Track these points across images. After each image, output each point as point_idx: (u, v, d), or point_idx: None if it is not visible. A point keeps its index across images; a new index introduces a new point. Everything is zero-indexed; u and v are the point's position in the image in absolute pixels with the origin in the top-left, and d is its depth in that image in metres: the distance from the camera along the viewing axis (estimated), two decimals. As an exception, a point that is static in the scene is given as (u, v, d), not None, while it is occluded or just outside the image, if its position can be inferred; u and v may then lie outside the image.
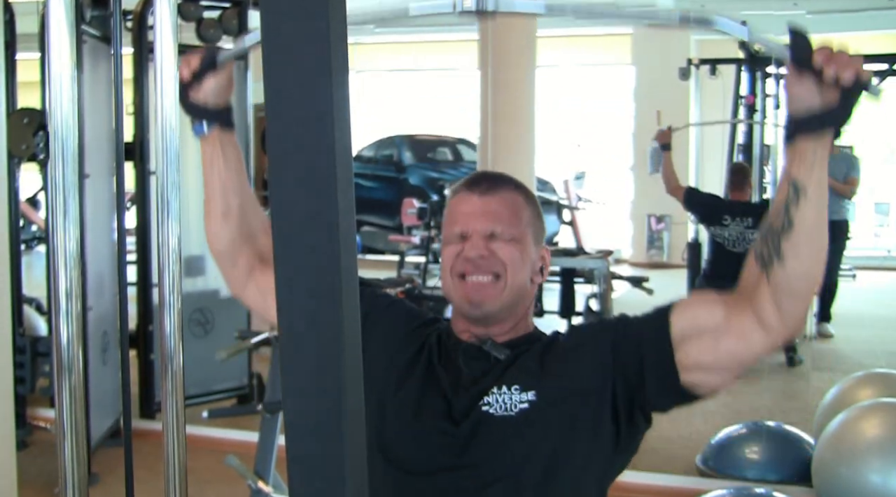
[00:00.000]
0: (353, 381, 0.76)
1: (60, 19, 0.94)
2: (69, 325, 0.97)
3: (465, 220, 1.56)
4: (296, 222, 0.74)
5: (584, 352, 1.54)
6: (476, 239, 1.54)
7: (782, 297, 1.38)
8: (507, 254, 1.54)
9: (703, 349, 1.45)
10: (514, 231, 1.56)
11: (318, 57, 0.72)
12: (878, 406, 3.73)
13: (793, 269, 1.37)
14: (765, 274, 1.38)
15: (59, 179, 0.95)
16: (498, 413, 1.49)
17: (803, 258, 1.37)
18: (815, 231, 1.37)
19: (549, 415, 1.49)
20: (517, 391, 1.50)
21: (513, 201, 1.58)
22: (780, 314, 1.39)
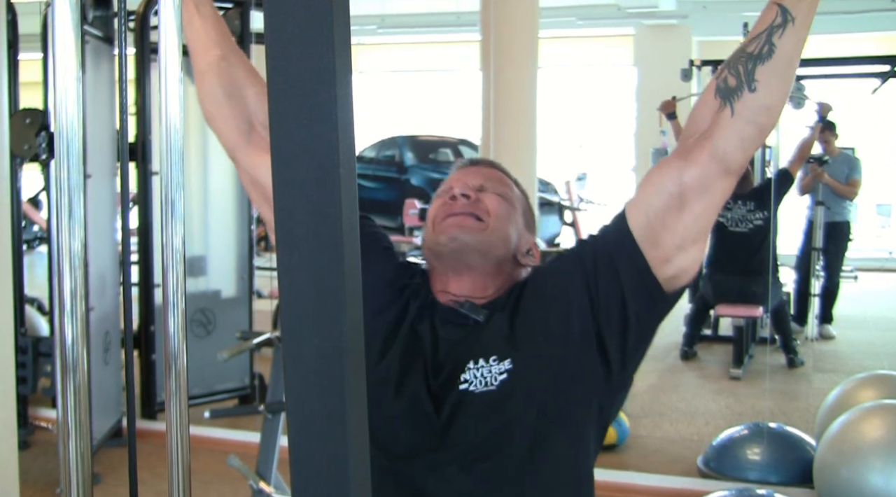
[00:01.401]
0: (355, 381, 0.76)
1: (65, 19, 0.94)
2: (73, 325, 0.97)
3: (455, 180, 1.56)
4: (299, 223, 0.74)
5: (556, 301, 1.44)
6: (464, 188, 1.52)
7: (746, 127, 1.32)
8: (494, 203, 1.51)
9: (670, 230, 1.38)
10: (504, 190, 1.54)
11: (321, 57, 0.72)
12: (880, 408, 3.72)
13: (762, 98, 1.31)
14: (729, 105, 1.31)
15: (64, 180, 0.94)
16: (478, 389, 1.40)
17: (775, 88, 1.31)
18: (793, 62, 1.32)
19: (531, 380, 1.40)
20: (495, 362, 1.41)
21: (503, 178, 1.59)
22: (743, 149, 1.34)
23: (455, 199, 1.51)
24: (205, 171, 5.08)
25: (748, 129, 1.32)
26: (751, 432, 4.24)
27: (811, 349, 6.87)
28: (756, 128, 1.32)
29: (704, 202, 1.37)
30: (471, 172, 1.57)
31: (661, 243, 1.38)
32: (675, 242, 1.38)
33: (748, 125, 1.32)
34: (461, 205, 1.49)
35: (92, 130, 4.30)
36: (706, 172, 1.35)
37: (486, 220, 1.49)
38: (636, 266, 1.39)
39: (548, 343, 1.42)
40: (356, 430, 0.76)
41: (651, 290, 1.41)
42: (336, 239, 0.73)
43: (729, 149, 1.33)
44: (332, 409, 0.75)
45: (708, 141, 1.34)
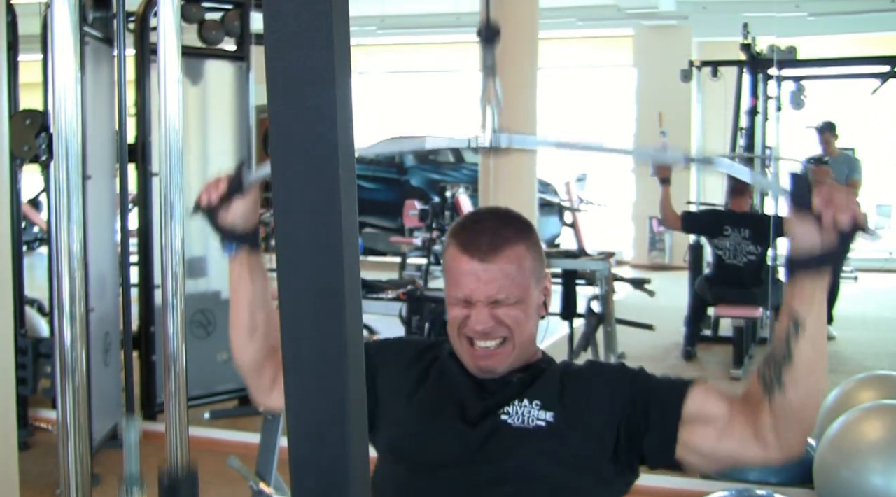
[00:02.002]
0: (355, 382, 0.76)
1: (64, 21, 0.94)
2: (72, 327, 0.97)
3: (467, 285, 1.55)
4: (298, 225, 0.74)
5: (603, 390, 1.56)
6: (480, 308, 1.54)
7: (782, 424, 1.42)
8: (513, 319, 1.55)
9: (706, 437, 1.49)
10: (518, 292, 1.55)
11: (320, 58, 0.72)
12: (880, 408, 3.72)
13: (793, 399, 1.40)
14: (767, 398, 1.42)
15: (63, 181, 0.95)
16: (515, 423, 1.53)
17: (802, 389, 1.40)
18: (814, 364, 1.42)
19: (564, 439, 1.53)
20: (537, 407, 1.54)
21: (515, 259, 1.55)
22: (779, 439, 1.43)
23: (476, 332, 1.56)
24: (204, 171, 5.08)
25: (783, 423, 1.42)
26: (751, 433, 4.24)
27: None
28: (791, 424, 1.42)
29: (733, 449, 1.48)
30: (481, 283, 1.54)
31: (693, 434, 1.50)
32: (699, 445, 1.50)
33: (783, 421, 1.41)
34: (483, 334, 1.56)
35: (92, 131, 4.30)
36: (745, 434, 1.46)
37: (510, 340, 1.57)
38: (666, 428, 1.51)
39: (585, 419, 1.54)
40: (355, 431, 0.76)
41: (667, 440, 1.52)
42: (335, 240, 0.73)
43: (766, 433, 1.43)
44: (332, 410, 0.75)
45: (753, 417, 1.45)
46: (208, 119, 5.15)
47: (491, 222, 1.60)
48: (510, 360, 1.58)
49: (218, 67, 5.14)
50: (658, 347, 6.50)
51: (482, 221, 1.61)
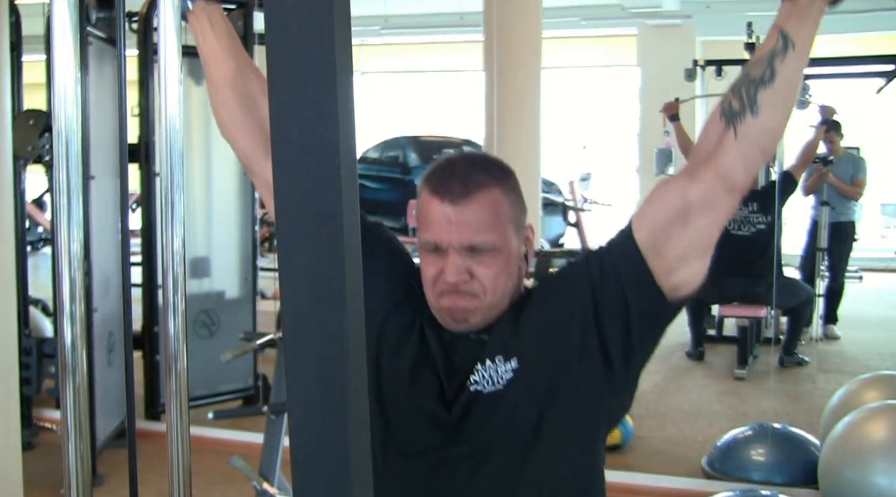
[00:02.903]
0: (357, 382, 0.76)
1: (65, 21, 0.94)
2: (73, 327, 0.97)
3: (437, 230, 1.46)
4: (300, 224, 0.74)
5: (562, 305, 1.48)
6: (453, 256, 1.45)
7: (749, 149, 1.37)
8: (489, 274, 1.46)
9: (674, 243, 1.41)
10: (494, 237, 1.46)
11: (322, 58, 0.72)
12: (885, 408, 3.72)
13: (764, 122, 1.35)
14: (732, 128, 1.36)
15: (64, 181, 0.94)
16: (487, 389, 1.45)
17: (776, 112, 1.36)
18: (794, 86, 1.36)
19: (536, 379, 1.45)
20: (501, 362, 1.46)
21: (489, 203, 1.46)
22: (746, 171, 1.38)
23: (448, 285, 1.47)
24: (208, 172, 5.09)
25: (751, 151, 1.37)
26: (755, 433, 4.24)
27: (816, 349, 6.86)
28: (758, 150, 1.38)
29: (709, 219, 1.41)
30: (454, 227, 1.45)
31: (665, 255, 1.42)
32: (678, 255, 1.42)
33: (751, 148, 1.37)
34: (456, 288, 1.47)
35: (96, 132, 4.31)
36: (711, 191, 1.39)
37: (484, 296, 1.47)
38: (640, 276, 1.44)
39: (552, 344, 1.46)
40: (357, 431, 0.76)
41: (654, 299, 1.45)
42: (337, 240, 0.73)
43: (733, 169, 1.37)
44: (334, 409, 0.75)
45: (713, 161, 1.38)
46: (210, 119, 5.15)
47: (464, 166, 1.50)
48: (483, 314, 1.48)
49: (221, 67, 5.14)
50: (662, 347, 6.45)
51: (455, 165, 1.51)
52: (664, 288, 1.44)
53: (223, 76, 1.59)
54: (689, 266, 1.44)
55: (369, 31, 11.46)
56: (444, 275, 1.46)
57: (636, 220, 1.46)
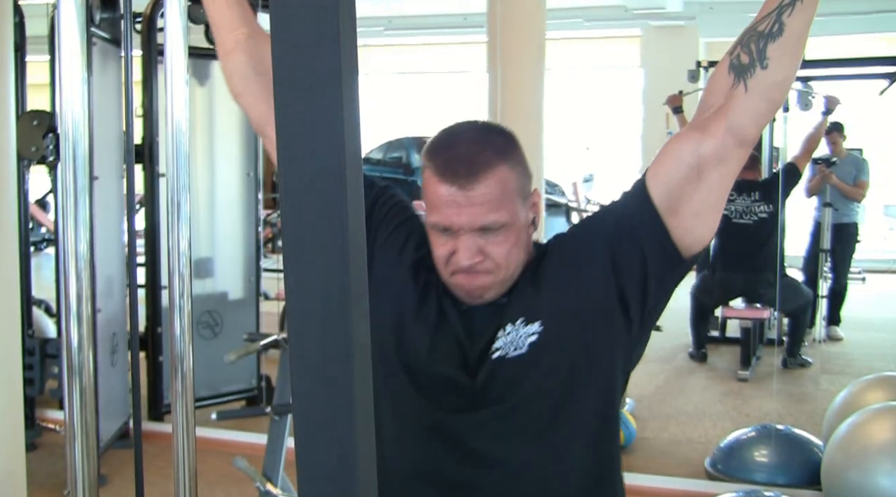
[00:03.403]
0: (362, 382, 0.76)
1: (71, 22, 0.94)
2: (79, 327, 0.97)
3: (448, 214, 1.44)
4: (305, 226, 0.74)
5: (580, 262, 1.51)
6: (465, 238, 1.45)
7: (759, 103, 1.39)
8: (501, 252, 1.46)
9: (689, 199, 1.44)
10: (504, 215, 1.45)
11: (327, 59, 0.72)
12: (888, 409, 3.71)
13: (773, 75, 1.37)
14: (742, 81, 1.38)
15: (70, 182, 0.95)
16: (511, 354, 1.47)
17: (785, 64, 1.37)
18: (802, 39, 1.38)
19: (559, 339, 1.48)
20: (522, 324, 1.48)
21: (497, 182, 1.44)
22: (757, 123, 1.41)
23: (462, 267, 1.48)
24: (212, 172, 5.09)
25: (761, 104, 1.39)
26: (758, 434, 4.24)
27: (819, 351, 6.85)
28: (768, 103, 1.40)
29: (721, 172, 1.44)
30: (463, 210, 1.44)
31: (680, 211, 1.46)
32: (693, 211, 1.46)
33: (761, 101, 1.39)
34: (470, 269, 1.47)
35: (100, 132, 4.31)
36: (722, 145, 1.41)
37: (498, 272, 1.48)
38: (656, 232, 1.47)
39: (573, 302, 1.49)
40: (363, 432, 0.76)
41: (669, 254, 1.48)
42: (342, 240, 0.73)
43: (743, 123, 1.40)
44: (339, 410, 0.75)
45: (723, 115, 1.41)
46: (215, 120, 5.16)
47: (468, 144, 1.47)
48: (498, 288, 1.50)
49: (225, 68, 5.15)
50: (665, 348, 6.50)
51: (458, 143, 1.48)
52: (680, 246, 1.48)
53: (234, 40, 1.60)
54: (703, 222, 1.47)
55: (373, 32, 11.47)
56: (457, 256, 1.46)
57: (650, 179, 1.48)
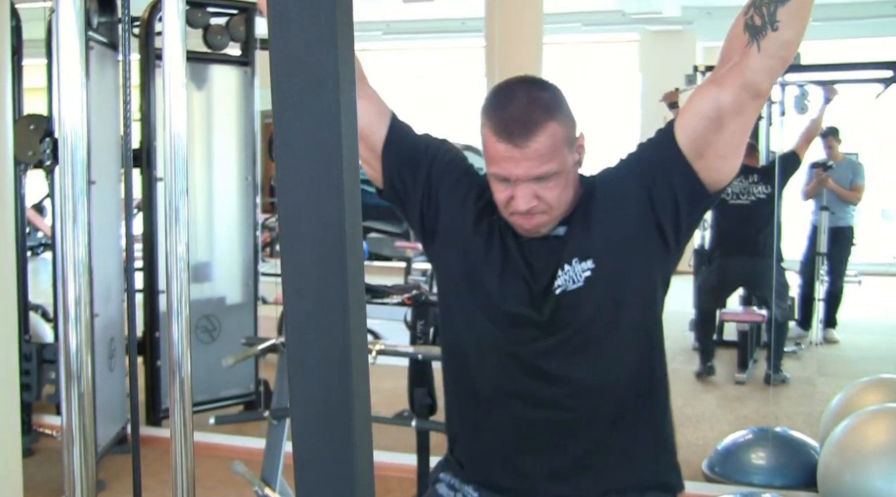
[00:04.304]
0: (360, 386, 0.76)
1: (70, 26, 0.94)
2: (78, 332, 0.97)
3: (505, 168, 1.66)
4: (303, 229, 0.74)
5: (622, 203, 1.74)
6: (522, 186, 1.66)
7: (771, 62, 1.57)
8: (554, 195, 1.69)
9: (713, 146, 1.65)
10: (555, 165, 1.66)
11: (325, 63, 0.72)
12: (884, 411, 3.72)
13: (783, 36, 1.54)
14: (755, 42, 1.56)
15: (69, 186, 0.95)
16: (570, 288, 1.72)
17: (793, 26, 1.54)
18: (809, 2, 1.54)
19: (610, 271, 1.72)
20: (577, 262, 1.72)
21: (548, 138, 1.65)
22: (770, 78, 1.59)
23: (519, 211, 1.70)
24: (209, 176, 5.09)
25: (772, 62, 1.57)
26: (755, 437, 4.24)
27: (815, 353, 6.86)
28: (779, 60, 1.58)
29: (739, 121, 1.63)
30: (519, 163, 1.65)
31: (706, 155, 1.67)
32: (717, 154, 1.67)
33: (772, 59, 1.57)
34: (527, 212, 1.70)
35: (97, 137, 4.31)
36: (739, 98, 1.60)
37: (552, 211, 1.71)
38: (685, 174, 1.69)
39: (617, 239, 1.73)
40: (361, 435, 0.76)
41: (697, 190, 1.70)
42: (340, 244, 0.73)
43: (758, 78, 1.58)
44: (337, 414, 0.75)
45: (739, 72, 1.59)
46: (213, 124, 5.16)
47: (521, 103, 1.67)
48: (553, 223, 1.74)
49: (223, 72, 5.16)
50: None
51: (511, 103, 1.68)
52: (707, 183, 1.69)
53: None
54: (727, 162, 1.68)
55: (371, 37, 11.47)
56: (515, 202, 1.68)
57: (678, 129, 1.68)
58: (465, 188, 1.84)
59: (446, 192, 1.84)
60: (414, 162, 1.84)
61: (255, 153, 5.22)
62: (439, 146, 1.90)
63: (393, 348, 3.08)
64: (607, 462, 1.81)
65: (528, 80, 1.76)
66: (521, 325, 1.76)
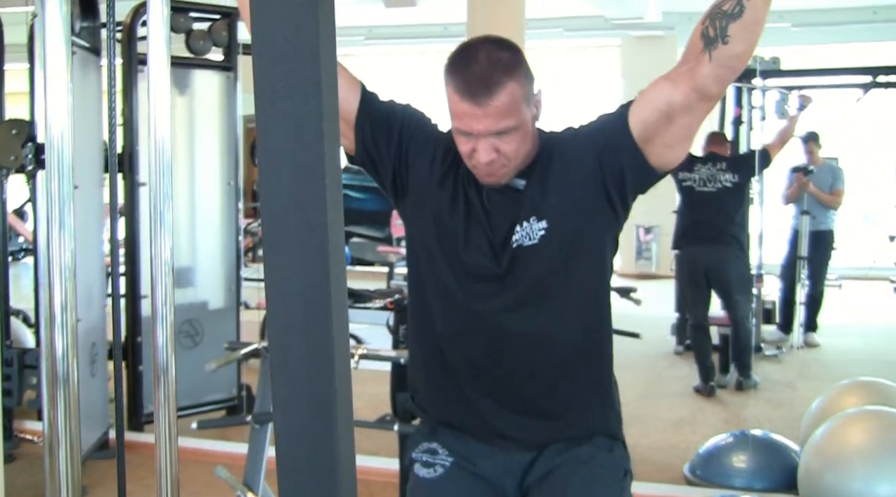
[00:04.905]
0: (343, 390, 0.77)
1: (56, 32, 0.95)
2: (63, 337, 0.98)
3: (468, 122, 1.77)
4: (286, 234, 0.75)
5: (578, 169, 1.85)
6: (483, 140, 1.78)
7: (721, 71, 1.66)
8: (512, 148, 1.80)
9: (661, 136, 1.77)
10: (514, 120, 1.77)
11: (307, 68, 0.73)
12: (863, 414, 3.75)
13: (733, 49, 1.63)
14: (708, 52, 1.65)
15: (54, 191, 0.95)
16: (526, 243, 1.84)
17: (743, 41, 1.63)
18: (760, 19, 1.62)
19: (563, 231, 1.84)
20: (535, 221, 1.84)
21: (507, 96, 1.75)
22: (719, 85, 1.69)
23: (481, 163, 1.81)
24: (192, 181, 5.08)
25: (722, 71, 1.67)
26: (736, 440, 4.26)
27: (796, 357, 6.90)
28: (729, 70, 1.67)
29: (688, 118, 1.75)
30: (480, 119, 1.76)
31: (654, 142, 1.79)
32: (664, 143, 1.79)
33: (722, 69, 1.66)
34: (487, 165, 1.80)
35: (79, 141, 4.28)
36: (688, 98, 1.71)
37: (510, 163, 1.82)
38: (633, 154, 1.81)
39: (571, 201, 1.85)
40: (343, 439, 0.77)
41: (643, 170, 1.83)
42: (323, 247, 0.74)
43: (708, 83, 1.69)
44: (319, 416, 0.76)
45: (691, 76, 1.70)
46: (196, 129, 5.15)
47: (483, 64, 1.77)
48: (511, 173, 1.84)
49: (205, 77, 5.15)
50: (645, 355, 6.53)
51: (472, 63, 1.78)
52: (654, 164, 1.82)
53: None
54: (673, 151, 1.81)
55: (353, 42, 11.47)
56: (477, 154, 1.79)
57: (631, 115, 1.80)
58: (433, 147, 1.95)
59: (416, 152, 1.95)
60: (387, 126, 1.96)
61: (237, 158, 5.21)
62: (405, 110, 2.01)
63: (375, 352, 3.08)
64: (557, 407, 1.96)
65: (490, 40, 1.85)
66: (481, 280, 1.89)
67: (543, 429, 1.98)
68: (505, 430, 1.96)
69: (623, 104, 1.86)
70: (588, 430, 2.00)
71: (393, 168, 1.96)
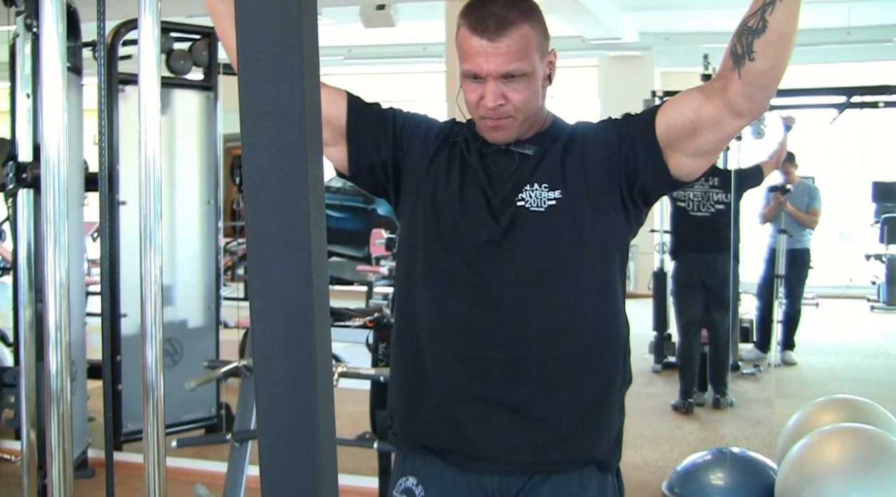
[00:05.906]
0: (326, 405, 0.78)
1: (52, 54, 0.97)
2: (57, 355, 0.99)
3: (478, 62, 1.74)
4: (270, 249, 0.76)
5: (598, 155, 1.80)
6: (491, 83, 1.73)
7: (750, 89, 1.62)
8: (521, 98, 1.75)
9: (684, 144, 1.73)
10: (525, 65, 1.74)
11: (291, 89, 0.75)
12: (839, 431, 3.78)
13: (761, 66, 1.59)
14: (737, 69, 1.61)
15: (50, 209, 0.97)
16: (532, 208, 1.78)
17: (771, 58, 1.58)
18: (786, 33, 1.57)
19: (573, 210, 1.77)
20: (546, 189, 1.78)
21: (520, 37, 1.73)
22: (750, 103, 1.64)
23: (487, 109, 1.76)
24: (172, 200, 5.08)
25: (752, 89, 1.62)
26: (714, 457, 4.28)
27: (774, 375, 6.94)
28: (759, 88, 1.62)
29: (715, 133, 1.71)
30: (490, 58, 1.72)
31: (677, 149, 1.75)
32: (686, 153, 1.75)
33: (751, 86, 1.62)
34: (494, 111, 1.76)
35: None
36: (719, 114, 1.68)
37: (517, 116, 1.77)
38: (652, 152, 1.76)
39: (589, 184, 1.79)
40: (326, 454, 0.78)
41: (659, 170, 1.77)
42: (305, 265, 0.76)
43: (738, 101, 1.64)
44: (302, 431, 0.77)
45: (723, 92, 1.65)
46: (176, 148, 5.15)
47: (497, 5, 1.74)
48: (518, 130, 1.79)
49: (186, 97, 5.16)
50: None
51: (489, 3, 1.75)
52: (673, 172, 1.77)
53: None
54: (694, 162, 1.76)
55: (333, 61, 11.49)
56: (485, 100, 1.75)
57: (659, 116, 1.76)
58: (425, 129, 1.93)
59: (410, 137, 1.92)
60: (380, 120, 1.93)
61: (217, 177, 5.21)
62: (392, 109, 1.99)
63: (355, 371, 3.09)
64: (549, 413, 1.79)
65: None
66: (479, 248, 1.79)
67: (530, 442, 1.78)
68: (486, 446, 1.78)
69: (650, 108, 1.82)
70: (580, 455, 1.82)
71: (393, 158, 1.90)
